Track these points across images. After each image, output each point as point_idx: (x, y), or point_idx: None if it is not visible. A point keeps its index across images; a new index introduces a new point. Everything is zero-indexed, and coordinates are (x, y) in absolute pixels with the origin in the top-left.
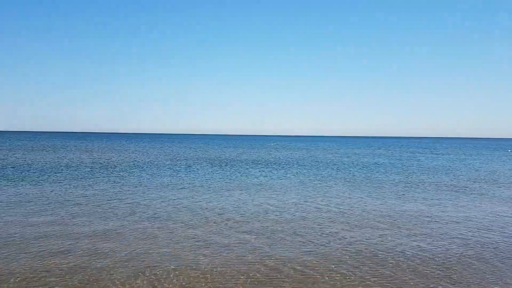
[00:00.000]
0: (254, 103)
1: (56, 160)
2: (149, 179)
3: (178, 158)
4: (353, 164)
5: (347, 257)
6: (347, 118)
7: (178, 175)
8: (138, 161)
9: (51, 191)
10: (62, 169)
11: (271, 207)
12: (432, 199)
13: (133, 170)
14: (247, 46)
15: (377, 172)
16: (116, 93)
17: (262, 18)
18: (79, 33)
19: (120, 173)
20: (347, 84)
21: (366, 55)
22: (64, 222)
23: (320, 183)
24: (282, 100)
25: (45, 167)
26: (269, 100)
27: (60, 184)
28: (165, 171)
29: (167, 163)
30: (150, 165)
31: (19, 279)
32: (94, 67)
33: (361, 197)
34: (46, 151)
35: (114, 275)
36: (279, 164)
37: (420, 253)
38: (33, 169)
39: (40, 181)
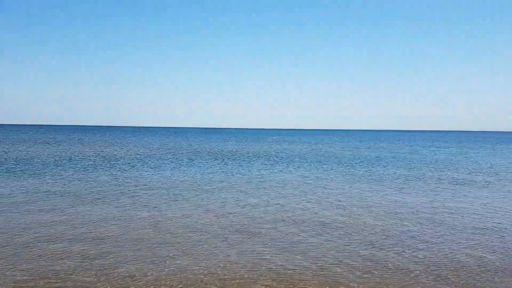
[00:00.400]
0: (256, 97)
1: (59, 153)
2: (151, 172)
3: (180, 152)
4: (354, 157)
5: (345, 250)
6: (350, 112)
7: (180, 168)
8: (140, 154)
9: (52, 184)
10: (64, 162)
11: (272, 200)
12: (432, 192)
13: (135, 163)
14: (249, 42)
15: (378, 165)
16: (119, 88)
17: (265, 14)
18: (82, 30)
19: (122, 166)
20: (349, 78)
21: (369, 49)
22: (64, 213)
23: (321, 176)
24: (285, 94)
25: (47, 160)
26: (271, 94)
27: (62, 176)
28: (167, 164)
29: (169, 156)
30: (152, 158)
31: (15, 260)
32: (98, 62)
33: (361, 190)
34: (49, 144)
35: (106, 262)
36: (281, 157)
37: (417, 251)
38: (36, 162)
39: (42, 174)
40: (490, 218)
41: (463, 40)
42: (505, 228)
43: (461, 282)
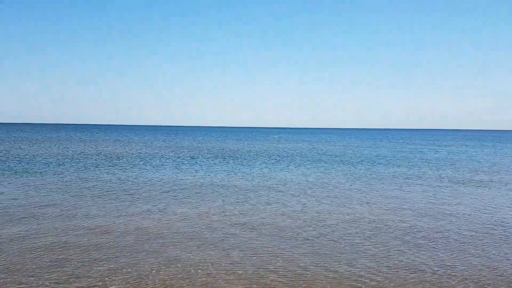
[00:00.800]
0: (258, 96)
1: (60, 152)
2: (152, 170)
3: (181, 151)
4: (355, 156)
5: (341, 251)
6: (351, 111)
7: (181, 167)
8: (142, 153)
9: (54, 183)
10: (66, 161)
11: (272, 199)
12: (432, 191)
13: (137, 162)
14: (250, 40)
15: (378, 164)
16: (121, 87)
17: (265, 13)
18: (85, 28)
19: (123, 165)
20: (350, 77)
21: (369, 46)
22: (65, 214)
23: (321, 175)
24: (287, 93)
25: (49, 159)
26: (273, 93)
27: (63, 175)
28: (168, 163)
29: (171, 155)
30: (154, 157)
31: (15, 253)
32: (100, 60)
33: (362, 189)
34: (51, 143)
35: (93, 257)
36: (282, 156)
37: (417, 252)
38: (37, 161)
39: (44, 173)
40: (490, 217)
41: (463, 38)
42: (502, 228)
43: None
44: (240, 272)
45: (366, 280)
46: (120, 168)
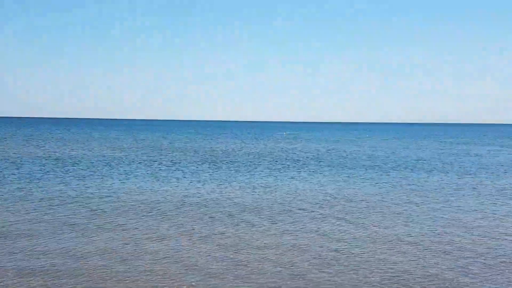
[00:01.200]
0: (260, 83)
1: None
2: (119, 179)
3: (159, 152)
4: (388, 159)
5: None
6: (382, 101)
7: (158, 174)
8: (106, 156)
9: None
10: (5, 167)
11: (276, 216)
12: (490, 208)
13: (98, 168)
14: (250, 40)
15: (419, 170)
16: (78, 69)
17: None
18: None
19: (80, 172)
20: (379, 57)
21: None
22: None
23: (343, 185)
24: (296, 79)
25: None
26: (280, 79)
27: (1, 186)
28: (140, 170)
29: (143, 158)
30: (121, 161)
31: None
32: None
33: (396, 204)
34: None
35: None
36: (291, 160)
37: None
38: None
39: None
40: None
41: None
42: None
43: None
44: None
45: None
46: (75, 176)
